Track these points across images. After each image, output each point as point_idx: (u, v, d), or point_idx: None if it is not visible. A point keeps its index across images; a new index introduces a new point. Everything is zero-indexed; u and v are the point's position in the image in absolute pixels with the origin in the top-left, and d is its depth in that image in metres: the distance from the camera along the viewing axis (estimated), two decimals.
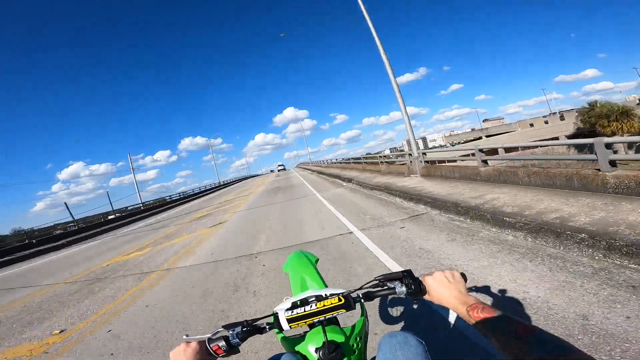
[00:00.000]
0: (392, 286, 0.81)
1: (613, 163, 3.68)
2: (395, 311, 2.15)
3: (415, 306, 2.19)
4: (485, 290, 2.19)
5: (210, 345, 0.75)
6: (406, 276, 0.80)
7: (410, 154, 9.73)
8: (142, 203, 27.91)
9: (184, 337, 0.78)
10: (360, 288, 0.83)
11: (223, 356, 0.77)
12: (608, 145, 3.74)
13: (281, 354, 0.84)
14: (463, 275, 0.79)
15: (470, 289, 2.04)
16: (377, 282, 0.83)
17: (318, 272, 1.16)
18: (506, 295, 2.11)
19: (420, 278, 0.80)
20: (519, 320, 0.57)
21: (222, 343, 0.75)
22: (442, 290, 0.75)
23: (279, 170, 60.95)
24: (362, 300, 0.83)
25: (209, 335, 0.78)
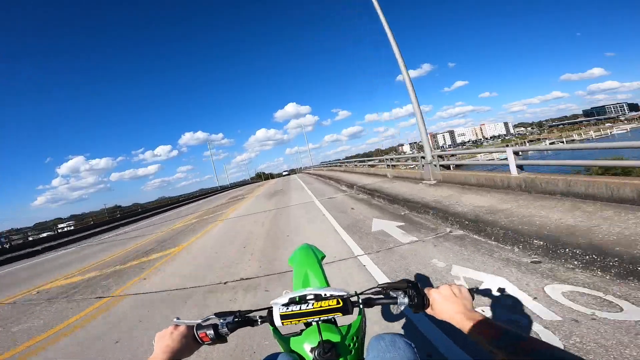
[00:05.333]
0: (395, 296, 0.77)
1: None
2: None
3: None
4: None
5: (198, 332, 0.75)
6: (410, 287, 0.76)
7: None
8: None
9: (174, 319, 0.77)
10: (361, 293, 0.81)
11: (209, 344, 0.76)
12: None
13: (277, 354, 0.82)
14: (471, 291, 0.75)
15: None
16: (380, 289, 0.81)
17: (322, 269, 1.12)
18: None
19: (425, 291, 0.76)
20: (525, 335, 0.56)
21: (210, 331, 0.75)
22: (447, 305, 0.71)
23: (283, 176, 64.97)
24: (361, 307, 0.81)
25: (200, 320, 0.77)
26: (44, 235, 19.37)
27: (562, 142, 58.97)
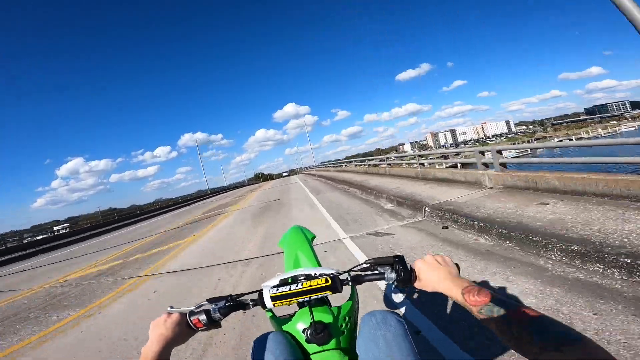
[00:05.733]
0: (382, 271, 0.77)
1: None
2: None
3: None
4: None
5: (191, 319, 0.75)
6: (397, 262, 0.75)
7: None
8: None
9: (168, 308, 0.78)
10: (350, 270, 0.81)
11: (203, 330, 0.76)
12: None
13: (272, 332, 0.81)
14: (457, 265, 0.74)
15: None
16: (368, 265, 0.80)
17: (313, 250, 1.13)
18: None
19: (411, 265, 0.76)
20: (519, 304, 0.54)
21: (202, 317, 0.74)
22: (433, 273, 0.71)
23: (283, 177, 64.72)
24: (351, 284, 0.80)
25: (192, 307, 0.77)
26: (39, 237, 20.09)
27: (581, 138, 57.69)
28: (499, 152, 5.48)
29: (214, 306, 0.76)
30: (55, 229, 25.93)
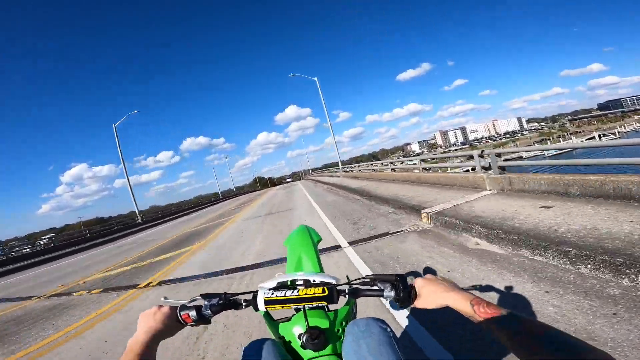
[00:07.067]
0: (382, 288, 0.75)
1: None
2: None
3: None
4: None
5: (181, 313, 0.73)
6: (398, 281, 0.73)
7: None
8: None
9: (162, 298, 0.79)
10: (349, 283, 0.80)
11: (192, 325, 0.74)
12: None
13: (262, 340, 0.77)
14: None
15: None
16: (368, 280, 0.79)
17: (317, 253, 1.10)
18: None
19: (412, 283, 0.73)
20: (528, 318, 0.53)
21: (192, 312, 0.73)
22: (437, 287, 0.68)
23: (287, 182, 61.29)
24: (347, 297, 0.79)
25: (185, 301, 0.76)
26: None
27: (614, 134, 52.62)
28: None
29: (206, 302, 0.76)
30: (40, 242, 23.98)
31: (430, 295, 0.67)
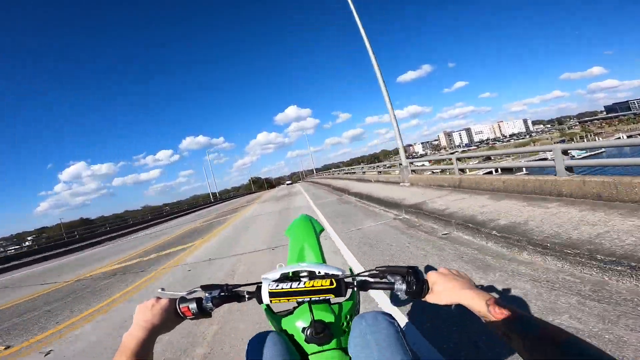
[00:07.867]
0: (392, 281, 0.68)
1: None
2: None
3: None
4: None
5: (180, 306, 0.69)
6: (410, 273, 0.66)
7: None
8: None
9: (159, 290, 0.75)
10: (357, 275, 0.73)
11: (192, 319, 0.70)
12: None
13: (266, 332, 0.74)
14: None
15: None
16: (377, 272, 0.71)
17: (319, 244, 1.05)
18: None
19: (425, 277, 0.67)
20: (547, 322, 0.49)
21: (192, 305, 0.69)
22: (452, 283, 0.63)
23: (287, 184, 61.52)
24: (355, 289, 0.73)
25: (184, 293, 0.72)
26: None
27: None
28: None
29: (207, 295, 0.71)
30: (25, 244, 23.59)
31: (443, 290, 0.63)
